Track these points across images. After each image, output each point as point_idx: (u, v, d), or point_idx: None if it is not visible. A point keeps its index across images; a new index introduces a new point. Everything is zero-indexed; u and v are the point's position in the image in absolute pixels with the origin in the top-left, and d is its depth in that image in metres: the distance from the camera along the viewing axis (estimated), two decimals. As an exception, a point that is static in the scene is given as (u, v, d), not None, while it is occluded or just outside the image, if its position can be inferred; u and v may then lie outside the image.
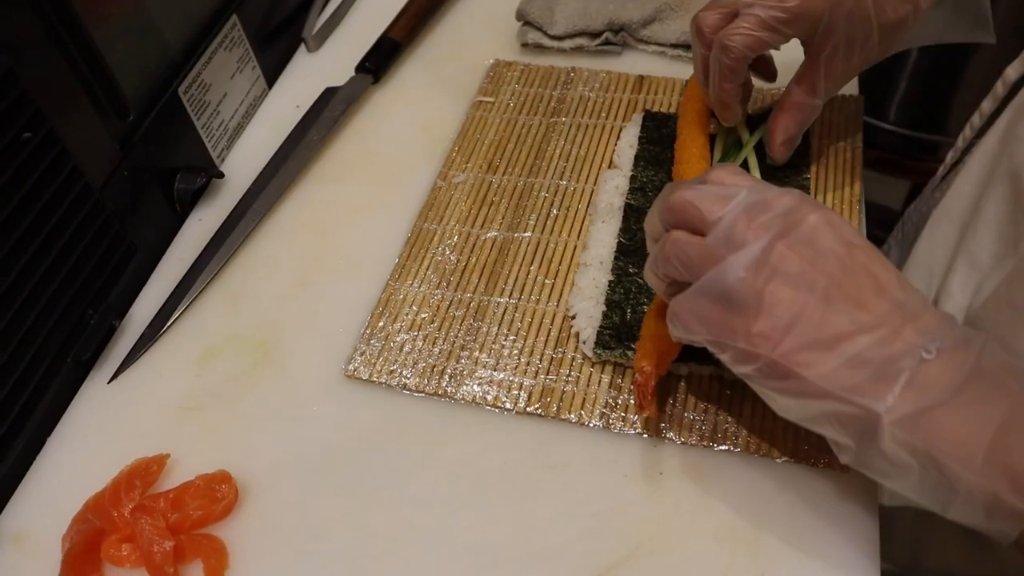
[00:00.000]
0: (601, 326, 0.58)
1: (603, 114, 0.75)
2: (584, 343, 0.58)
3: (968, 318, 0.59)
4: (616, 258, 0.62)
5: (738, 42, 0.58)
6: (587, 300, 0.60)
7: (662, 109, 0.74)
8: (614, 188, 0.67)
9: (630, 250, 0.62)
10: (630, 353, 0.56)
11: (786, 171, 0.66)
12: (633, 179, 0.67)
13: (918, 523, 0.65)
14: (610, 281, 0.60)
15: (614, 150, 0.72)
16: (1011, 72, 0.62)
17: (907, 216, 0.77)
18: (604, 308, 0.59)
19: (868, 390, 0.41)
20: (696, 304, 0.44)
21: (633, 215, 0.64)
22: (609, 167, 0.70)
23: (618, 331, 0.57)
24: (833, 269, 0.42)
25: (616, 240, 0.63)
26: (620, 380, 0.57)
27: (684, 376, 0.56)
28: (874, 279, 0.43)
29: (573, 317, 0.60)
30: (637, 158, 0.69)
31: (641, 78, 0.78)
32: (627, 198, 0.66)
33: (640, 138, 0.70)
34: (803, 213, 0.43)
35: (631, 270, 0.61)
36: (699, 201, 0.45)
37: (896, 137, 1.36)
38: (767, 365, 0.43)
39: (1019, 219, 0.55)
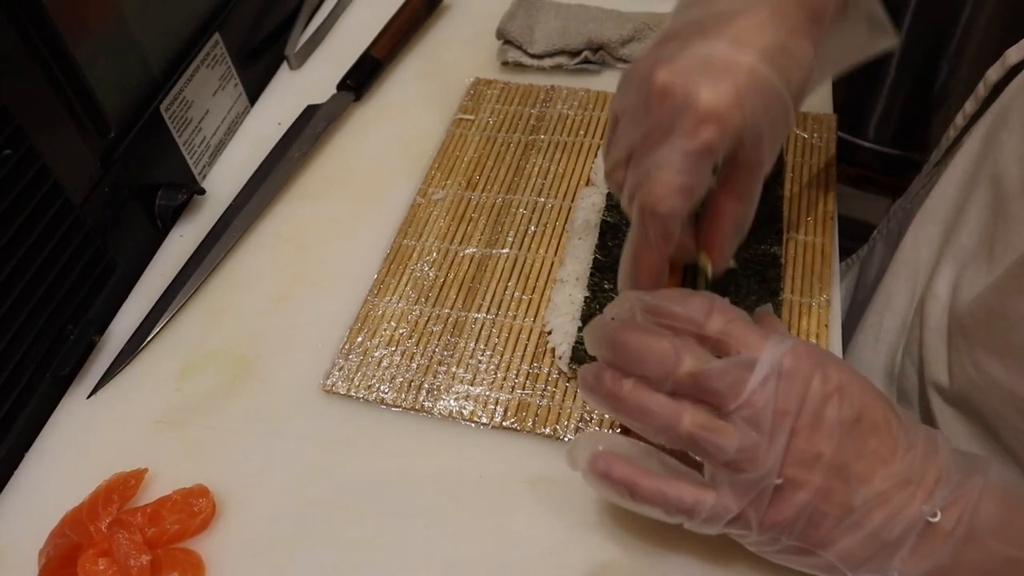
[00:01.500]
0: (577, 341, 0.58)
1: (582, 132, 0.76)
2: (560, 358, 0.59)
3: (952, 319, 0.59)
4: (592, 274, 0.62)
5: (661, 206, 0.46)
6: (563, 316, 0.61)
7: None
8: (591, 205, 0.68)
9: (606, 266, 0.63)
10: None
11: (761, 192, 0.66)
12: (610, 196, 0.68)
13: None
14: (586, 297, 0.61)
15: (592, 167, 0.72)
16: (992, 74, 0.63)
17: (892, 213, 0.78)
18: (580, 323, 0.59)
19: (878, 563, 0.43)
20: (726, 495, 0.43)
21: (609, 232, 0.65)
22: (587, 184, 0.71)
23: None
24: (844, 443, 0.42)
25: (592, 256, 0.64)
26: (595, 394, 0.57)
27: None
28: (881, 442, 0.43)
29: (549, 333, 0.60)
30: None
31: (619, 96, 0.79)
32: (603, 215, 0.66)
33: None
34: (812, 386, 0.42)
35: (606, 286, 0.61)
36: (716, 379, 0.42)
37: (875, 154, 1.38)
38: (795, 547, 0.44)
39: (998, 223, 0.56)
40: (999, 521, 0.42)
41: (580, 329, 0.59)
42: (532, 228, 0.68)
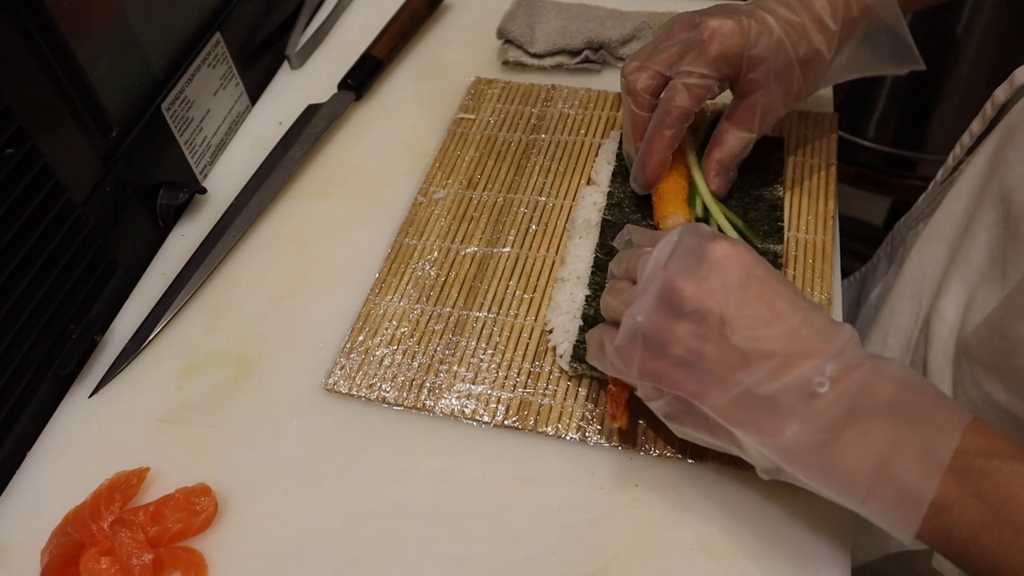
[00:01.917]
0: (578, 340, 0.59)
1: (582, 131, 0.76)
2: (561, 357, 0.59)
3: (960, 344, 0.60)
4: (593, 273, 0.62)
5: (681, 101, 0.60)
6: (564, 315, 0.61)
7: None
8: (592, 204, 0.68)
9: (606, 265, 0.63)
10: None
11: (760, 190, 0.67)
12: (610, 195, 0.68)
13: None
14: (587, 296, 0.61)
15: (592, 167, 0.72)
16: (1000, 94, 0.63)
17: (896, 230, 0.79)
18: (581, 322, 0.59)
19: (761, 425, 0.44)
20: (621, 347, 0.48)
21: (610, 230, 0.65)
22: (587, 183, 0.71)
23: None
24: (727, 301, 0.45)
25: (593, 255, 0.64)
26: (596, 394, 0.57)
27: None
28: (768, 308, 0.45)
29: (551, 331, 0.61)
30: (615, 174, 0.70)
31: (619, 96, 0.79)
32: (604, 214, 0.67)
33: (617, 154, 0.71)
34: (699, 247, 0.47)
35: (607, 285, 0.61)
36: (634, 259, 0.50)
37: (875, 154, 1.37)
38: (674, 399, 0.47)
39: (1008, 243, 0.56)
40: (892, 399, 0.42)
41: (581, 328, 0.59)
42: (533, 227, 0.68)
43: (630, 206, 0.67)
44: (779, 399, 0.43)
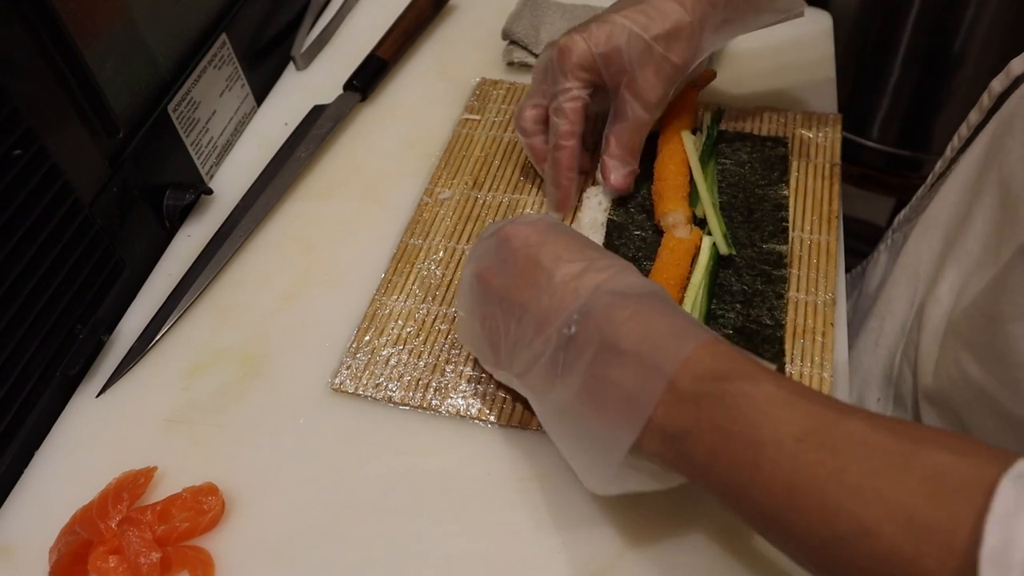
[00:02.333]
0: None
1: (587, 131, 0.76)
2: None
3: (948, 324, 0.60)
4: None
5: (561, 121, 0.65)
6: None
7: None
8: (597, 204, 0.68)
9: None
10: None
11: (765, 189, 0.67)
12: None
13: None
14: None
15: (599, 166, 0.73)
16: (996, 85, 0.63)
17: (896, 224, 0.79)
18: None
19: (537, 386, 0.50)
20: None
21: (616, 230, 0.65)
22: (592, 184, 0.71)
23: None
24: (510, 279, 0.51)
25: None
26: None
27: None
28: (532, 270, 0.50)
29: None
30: None
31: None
32: (610, 214, 0.67)
33: None
34: (497, 234, 0.53)
35: None
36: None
37: (879, 154, 1.37)
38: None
39: (1004, 228, 0.57)
40: (628, 332, 0.45)
41: None
42: (538, 227, 0.69)
43: (635, 206, 0.67)
44: (544, 353, 0.47)
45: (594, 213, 0.67)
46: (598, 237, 0.65)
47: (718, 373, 0.42)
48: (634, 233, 0.65)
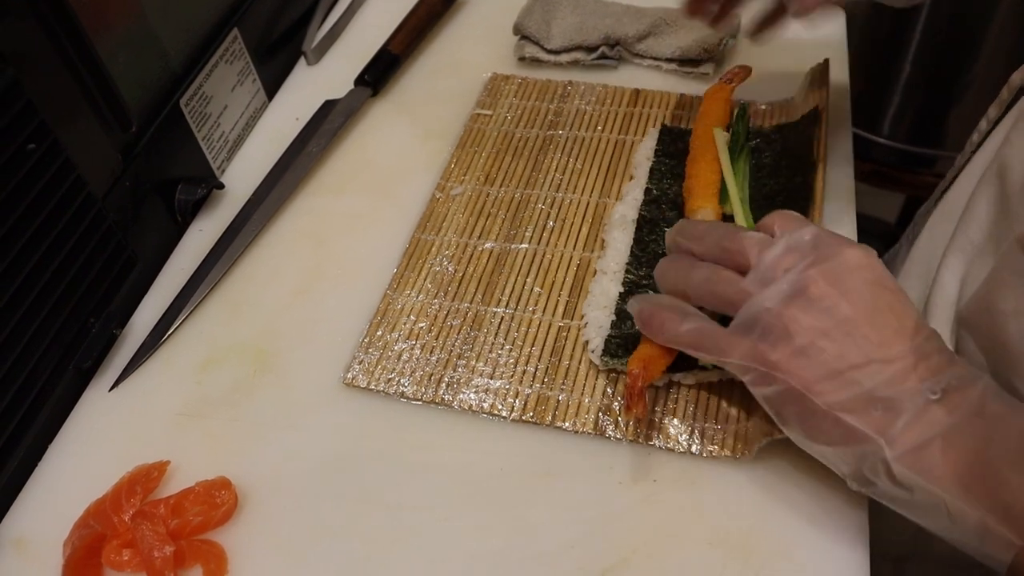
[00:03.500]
0: (610, 335, 0.59)
1: (600, 127, 0.76)
2: (592, 351, 0.59)
3: (957, 315, 0.60)
4: (627, 270, 0.62)
5: None
6: (600, 309, 0.61)
7: (663, 123, 0.75)
8: (632, 200, 0.68)
9: (641, 261, 0.63)
10: None
11: (779, 179, 0.66)
12: (648, 191, 0.68)
13: None
14: (620, 292, 0.61)
15: (631, 162, 0.73)
16: (1016, 78, 0.63)
17: (917, 218, 0.79)
18: (614, 317, 0.59)
19: (874, 423, 0.43)
20: (735, 329, 0.48)
21: (646, 226, 0.65)
22: (630, 179, 0.71)
23: (626, 340, 0.58)
24: (858, 304, 0.45)
25: (629, 250, 0.64)
26: (613, 389, 0.58)
27: (680, 384, 0.57)
28: (897, 319, 0.45)
29: (585, 325, 0.61)
30: (652, 170, 0.70)
31: (637, 92, 0.79)
32: (641, 210, 0.67)
33: (656, 151, 0.71)
34: (837, 248, 0.47)
35: (643, 282, 0.61)
36: (747, 246, 0.49)
37: (890, 151, 1.37)
38: (785, 390, 0.46)
39: (1001, 218, 0.57)
40: (1012, 402, 0.43)
41: (614, 323, 0.59)
42: (551, 223, 0.68)
43: (667, 203, 0.67)
44: (894, 400, 0.44)
45: (626, 209, 0.67)
46: (627, 233, 0.65)
47: None
48: (664, 229, 0.65)
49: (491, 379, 0.59)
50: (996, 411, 0.43)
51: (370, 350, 0.61)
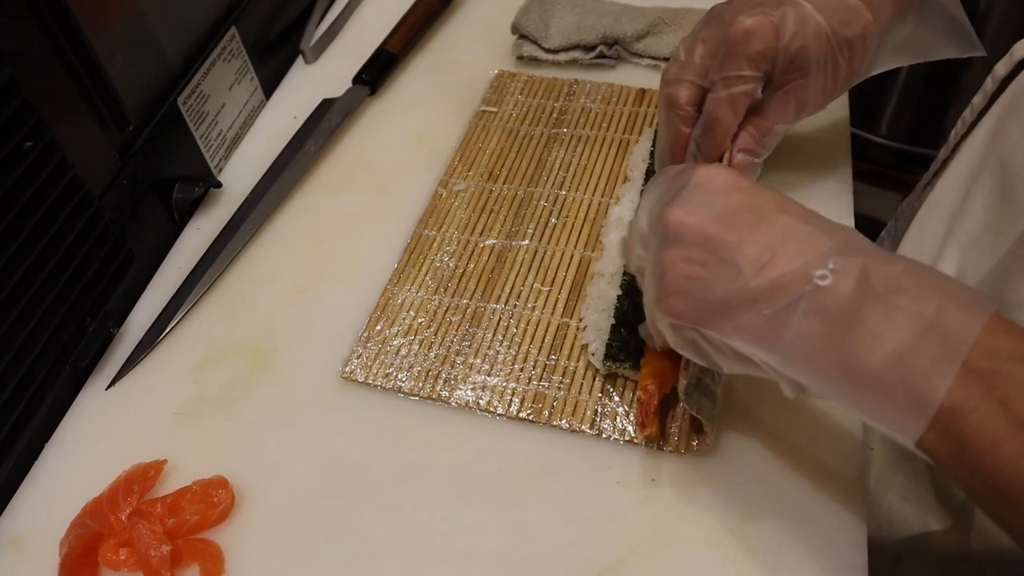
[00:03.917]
0: (610, 339, 0.58)
1: (604, 125, 0.76)
2: (593, 355, 0.58)
3: None
4: (624, 272, 0.62)
5: (724, 116, 0.58)
6: (598, 313, 0.60)
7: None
8: (629, 202, 0.68)
9: None
10: (636, 369, 0.56)
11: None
12: (643, 193, 0.68)
13: (906, 502, 0.65)
14: (619, 295, 0.61)
15: (626, 163, 0.73)
16: (1000, 69, 0.63)
17: (900, 212, 0.79)
18: (613, 321, 0.59)
19: (761, 332, 0.42)
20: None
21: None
22: (625, 181, 0.71)
23: (627, 344, 0.58)
24: (707, 217, 0.44)
25: None
26: (611, 388, 0.57)
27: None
28: (754, 213, 0.43)
29: (583, 328, 0.60)
30: (647, 172, 0.70)
31: (643, 91, 0.79)
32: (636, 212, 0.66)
33: (651, 153, 0.71)
34: (684, 177, 0.46)
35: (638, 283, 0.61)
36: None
37: (887, 150, 1.37)
38: (692, 333, 0.45)
39: (1003, 209, 0.57)
40: (903, 286, 0.40)
41: (613, 327, 0.59)
42: (553, 220, 0.68)
43: None
44: (775, 297, 0.41)
45: (622, 211, 0.67)
46: (621, 235, 0.65)
47: (1017, 353, 0.37)
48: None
49: (488, 376, 0.59)
50: (898, 283, 0.40)
51: (369, 344, 0.61)
